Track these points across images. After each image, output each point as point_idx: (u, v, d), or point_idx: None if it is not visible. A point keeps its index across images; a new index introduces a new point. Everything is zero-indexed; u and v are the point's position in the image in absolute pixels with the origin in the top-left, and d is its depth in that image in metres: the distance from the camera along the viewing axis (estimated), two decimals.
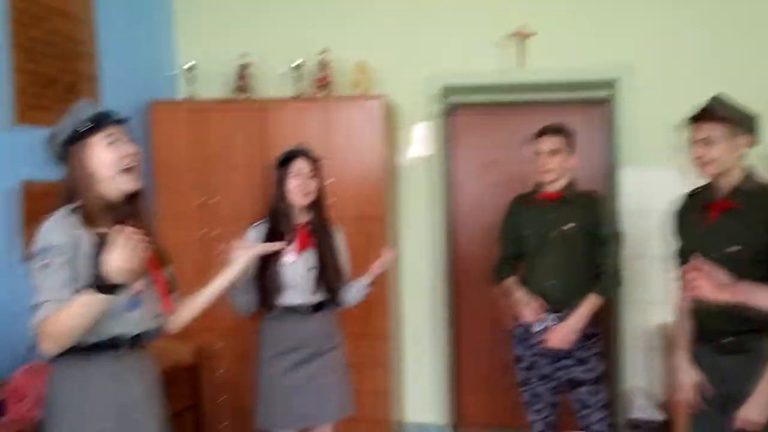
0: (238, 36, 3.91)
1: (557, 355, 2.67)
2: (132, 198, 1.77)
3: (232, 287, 2.17)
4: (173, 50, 4.03)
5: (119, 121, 1.77)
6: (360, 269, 3.27)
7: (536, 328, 2.67)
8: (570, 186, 2.73)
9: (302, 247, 2.51)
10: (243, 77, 3.75)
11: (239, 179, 3.58)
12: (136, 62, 3.68)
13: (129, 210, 1.77)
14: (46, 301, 1.55)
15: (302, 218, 2.55)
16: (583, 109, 3.90)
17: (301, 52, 3.70)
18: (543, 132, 2.74)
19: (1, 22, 2.72)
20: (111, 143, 1.70)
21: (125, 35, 3.57)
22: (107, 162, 1.69)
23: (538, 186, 2.79)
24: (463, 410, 4.17)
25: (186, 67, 3.79)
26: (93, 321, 1.55)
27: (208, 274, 2.14)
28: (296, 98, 3.63)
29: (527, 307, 2.67)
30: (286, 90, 3.74)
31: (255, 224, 2.59)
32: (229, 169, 3.60)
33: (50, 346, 1.55)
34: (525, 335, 2.73)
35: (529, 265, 2.77)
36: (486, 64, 3.72)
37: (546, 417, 2.78)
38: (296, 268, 2.49)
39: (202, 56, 3.90)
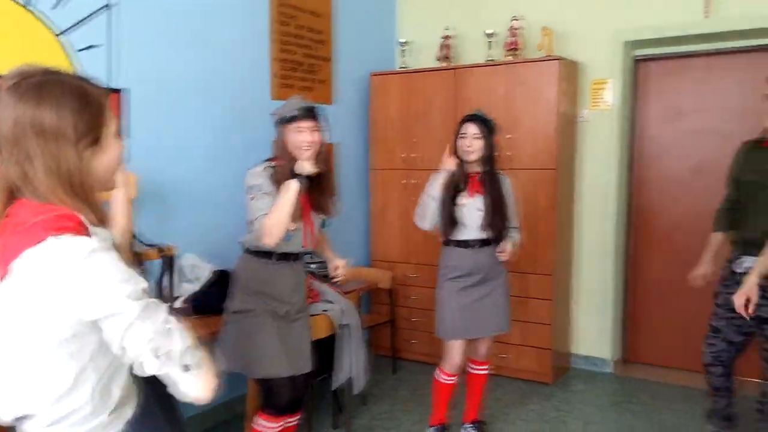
0: (444, 13, 4.57)
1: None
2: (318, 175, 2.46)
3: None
4: (393, 30, 4.85)
5: (312, 117, 2.44)
6: (532, 211, 3.83)
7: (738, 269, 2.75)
8: None
9: (473, 193, 3.01)
10: (446, 47, 4.41)
11: (435, 135, 4.26)
12: (361, 43, 4.58)
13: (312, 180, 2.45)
14: (257, 216, 2.38)
15: (476, 169, 3.02)
16: None
17: (495, 23, 4.21)
18: None
19: (266, 23, 3.79)
20: (300, 131, 2.44)
21: (355, 23, 4.48)
22: (294, 143, 2.45)
23: (766, 132, 2.72)
24: (632, 348, 4.36)
25: (401, 42, 4.59)
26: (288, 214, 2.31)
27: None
28: (485, 63, 4.15)
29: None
30: (481, 56, 4.29)
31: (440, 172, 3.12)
32: (427, 127, 4.31)
33: (269, 240, 2.33)
34: (725, 275, 2.87)
35: (743, 211, 2.78)
36: (671, 17, 3.77)
37: (716, 351, 2.87)
38: (468, 209, 3.01)
39: (415, 33, 4.68)
